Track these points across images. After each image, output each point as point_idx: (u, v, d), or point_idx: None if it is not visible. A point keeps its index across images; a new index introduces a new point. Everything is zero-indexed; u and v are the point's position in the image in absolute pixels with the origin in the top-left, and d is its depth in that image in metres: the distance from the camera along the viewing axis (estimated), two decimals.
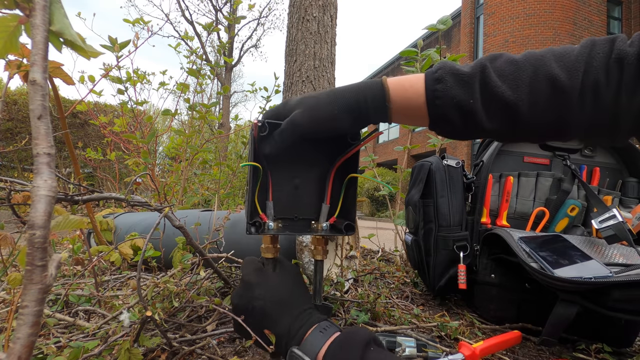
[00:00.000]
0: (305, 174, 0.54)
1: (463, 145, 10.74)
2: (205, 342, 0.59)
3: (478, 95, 0.42)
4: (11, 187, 0.63)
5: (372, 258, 1.56)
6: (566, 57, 0.41)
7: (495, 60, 0.43)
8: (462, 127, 0.45)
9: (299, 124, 0.45)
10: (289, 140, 0.46)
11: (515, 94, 0.41)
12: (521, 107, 0.41)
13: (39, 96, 0.29)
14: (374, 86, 0.45)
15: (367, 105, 0.45)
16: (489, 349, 0.59)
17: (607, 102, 0.39)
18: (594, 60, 0.39)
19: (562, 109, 0.41)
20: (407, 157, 1.63)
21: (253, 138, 0.48)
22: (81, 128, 5.38)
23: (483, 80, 0.42)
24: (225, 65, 10.60)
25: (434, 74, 0.44)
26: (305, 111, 0.45)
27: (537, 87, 0.41)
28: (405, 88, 0.45)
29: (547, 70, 0.40)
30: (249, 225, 0.49)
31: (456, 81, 0.43)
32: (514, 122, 0.43)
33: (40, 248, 0.26)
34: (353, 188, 0.55)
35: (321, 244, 0.55)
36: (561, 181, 0.85)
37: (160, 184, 1.88)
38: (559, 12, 9.17)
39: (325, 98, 0.46)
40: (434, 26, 1.14)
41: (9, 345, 0.37)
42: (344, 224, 0.52)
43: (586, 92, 0.39)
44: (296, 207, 0.54)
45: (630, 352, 0.73)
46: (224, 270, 0.82)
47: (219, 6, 13.10)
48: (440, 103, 0.43)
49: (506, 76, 0.42)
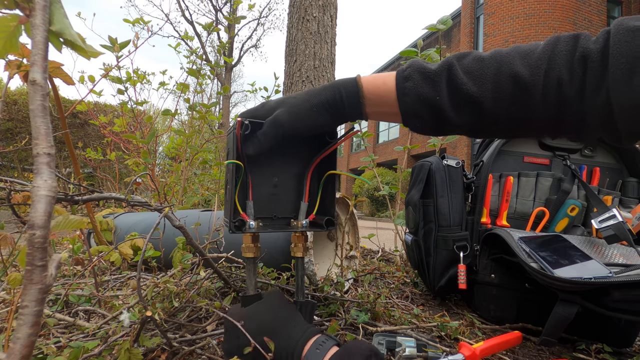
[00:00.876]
0: (283, 174, 0.55)
1: (463, 145, 10.74)
2: (205, 342, 0.58)
3: (445, 91, 0.44)
4: (11, 187, 0.63)
5: (372, 258, 1.56)
6: (530, 55, 0.41)
7: (463, 59, 0.45)
8: (432, 123, 0.46)
9: (282, 122, 0.47)
10: (272, 139, 0.48)
11: (480, 90, 0.42)
12: (485, 103, 0.43)
13: (39, 96, 0.29)
14: (348, 83, 0.47)
15: (342, 101, 0.47)
16: (489, 349, 0.59)
17: (571, 99, 0.39)
18: (557, 58, 0.40)
19: (526, 105, 0.42)
20: (407, 157, 1.63)
21: (235, 136, 0.49)
22: (81, 128, 5.38)
23: (449, 77, 0.44)
24: (225, 65, 10.60)
25: (403, 72, 0.46)
26: (286, 109, 0.47)
27: (501, 84, 0.42)
28: (377, 85, 0.47)
29: (510, 67, 0.41)
30: (231, 224, 0.49)
31: (423, 79, 0.45)
32: (480, 117, 0.44)
33: (40, 248, 0.26)
34: (331, 185, 0.56)
35: (301, 241, 0.56)
36: (561, 181, 0.85)
37: (160, 184, 1.88)
38: (559, 12, 9.17)
39: (304, 96, 0.48)
40: (434, 26, 1.14)
41: (9, 345, 0.37)
42: (325, 219, 0.54)
43: (549, 89, 0.40)
44: (275, 206, 0.55)
45: (630, 352, 0.73)
46: (224, 270, 0.82)
47: (219, 6, 13.11)
48: (409, 100, 0.45)
49: (472, 73, 0.43)
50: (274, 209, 0.55)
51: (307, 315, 0.54)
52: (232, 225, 0.49)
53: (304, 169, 0.56)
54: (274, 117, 0.48)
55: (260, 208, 0.53)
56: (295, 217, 0.56)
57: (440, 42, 1.23)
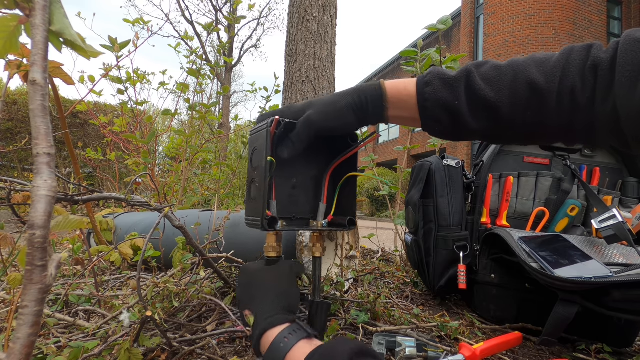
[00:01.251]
0: (302, 175, 0.56)
1: (463, 145, 10.74)
2: (205, 342, 0.58)
3: (463, 97, 0.46)
4: (11, 187, 0.63)
5: (372, 258, 1.56)
6: (545, 64, 0.43)
7: (481, 67, 0.47)
8: (450, 127, 0.48)
9: (314, 121, 0.49)
10: (305, 139, 0.50)
11: (497, 95, 0.44)
12: (502, 108, 0.44)
13: (39, 96, 0.29)
14: (372, 87, 0.49)
15: (367, 104, 0.49)
16: (489, 350, 0.59)
17: (583, 106, 0.41)
18: (571, 67, 0.41)
19: (541, 111, 0.43)
20: (407, 157, 1.63)
21: (268, 133, 0.49)
22: (81, 128, 5.38)
23: (468, 83, 0.46)
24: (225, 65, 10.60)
25: (424, 78, 0.48)
26: (316, 110, 0.49)
27: (517, 90, 0.44)
28: (399, 90, 0.49)
29: (527, 74, 0.43)
30: (264, 221, 0.49)
31: (443, 84, 0.47)
32: (497, 122, 0.46)
33: (40, 248, 0.26)
34: (350, 186, 0.57)
35: (320, 241, 0.57)
36: (561, 181, 0.85)
37: (160, 184, 1.88)
38: (559, 12, 9.16)
39: (333, 98, 0.50)
40: (434, 26, 1.14)
41: (9, 345, 0.37)
42: (347, 219, 0.55)
43: (563, 96, 0.42)
44: (293, 207, 0.56)
45: (630, 352, 0.73)
46: (224, 270, 0.82)
47: (219, 6, 13.10)
48: (429, 105, 0.47)
49: (489, 80, 0.45)
50: (293, 209, 0.56)
51: (322, 315, 0.55)
52: (265, 222, 0.49)
53: (321, 171, 0.57)
54: (306, 117, 0.49)
55: (281, 208, 0.54)
56: (314, 218, 0.57)
57: (440, 42, 1.23)
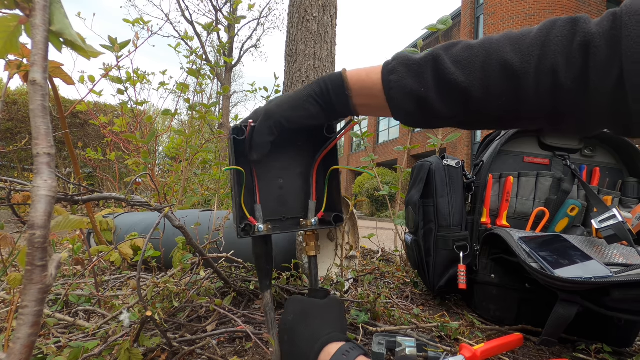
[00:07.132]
0: (288, 174, 0.56)
1: (463, 145, 10.74)
2: (205, 342, 0.58)
3: (431, 82, 0.42)
4: (11, 187, 0.63)
5: (372, 258, 1.56)
6: (521, 41, 0.39)
7: (452, 48, 0.43)
8: (420, 116, 0.45)
9: (272, 112, 0.47)
10: (267, 133, 0.48)
11: (468, 78, 0.41)
12: (473, 92, 0.41)
13: (39, 96, 0.29)
14: (334, 76, 0.47)
15: (329, 93, 0.47)
16: (490, 351, 0.59)
17: (568, 87, 0.37)
18: (551, 44, 0.37)
19: (517, 95, 0.39)
20: (407, 157, 1.63)
21: (231, 142, 0.49)
22: (81, 128, 5.38)
23: (435, 67, 0.42)
24: (225, 65, 10.60)
25: (388, 65, 0.45)
26: (275, 103, 0.49)
27: (489, 72, 0.40)
28: (361, 78, 0.46)
29: (500, 55, 0.39)
30: (239, 230, 0.49)
31: (407, 71, 0.44)
32: (468, 106, 0.42)
33: (40, 248, 0.26)
34: (336, 181, 0.57)
35: (312, 240, 0.56)
36: (561, 181, 0.85)
37: (160, 184, 1.88)
38: (559, 12, 9.17)
39: (295, 91, 0.49)
40: (434, 26, 1.14)
41: (9, 345, 0.37)
42: (332, 215, 0.54)
43: (542, 77, 0.37)
44: (283, 207, 0.55)
45: (630, 352, 0.73)
46: (224, 270, 0.82)
47: (219, 6, 13.09)
48: (394, 94, 0.44)
49: (460, 62, 0.41)
50: (283, 210, 0.55)
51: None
52: (240, 230, 0.49)
53: (307, 167, 0.56)
54: (264, 110, 0.48)
55: (269, 210, 0.54)
56: (305, 216, 0.56)
57: (440, 42, 1.23)
